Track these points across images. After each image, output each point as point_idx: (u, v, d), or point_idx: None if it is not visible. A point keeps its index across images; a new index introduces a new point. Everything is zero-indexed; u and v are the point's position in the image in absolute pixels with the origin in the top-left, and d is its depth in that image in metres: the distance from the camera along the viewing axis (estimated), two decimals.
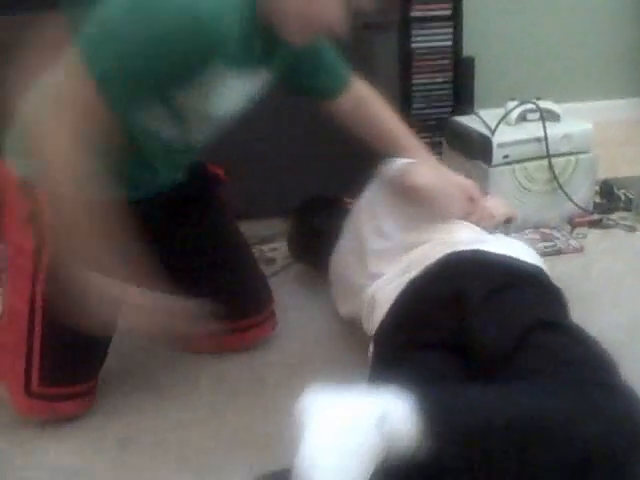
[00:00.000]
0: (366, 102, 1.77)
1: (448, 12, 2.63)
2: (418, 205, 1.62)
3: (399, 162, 1.73)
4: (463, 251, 1.49)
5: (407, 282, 1.49)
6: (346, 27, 1.39)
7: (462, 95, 2.71)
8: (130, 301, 1.37)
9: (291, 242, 2.14)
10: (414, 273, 1.49)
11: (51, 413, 1.57)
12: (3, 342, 1.59)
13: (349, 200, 1.92)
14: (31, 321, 1.53)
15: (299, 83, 1.68)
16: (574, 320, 1.38)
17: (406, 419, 1.08)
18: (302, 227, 2.09)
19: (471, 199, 1.67)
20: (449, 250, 1.49)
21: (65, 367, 1.56)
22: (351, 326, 1.77)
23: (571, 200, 2.39)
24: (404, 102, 2.58)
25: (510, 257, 1.47)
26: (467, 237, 1.57)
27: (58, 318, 1.41)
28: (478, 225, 1.65)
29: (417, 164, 1.68)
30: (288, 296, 2.03)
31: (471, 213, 1.66)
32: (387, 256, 1.62)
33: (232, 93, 1.44)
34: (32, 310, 1.53)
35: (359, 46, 2.32)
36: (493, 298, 1.35)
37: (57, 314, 1.41)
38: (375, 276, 1.61)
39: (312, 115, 1.92)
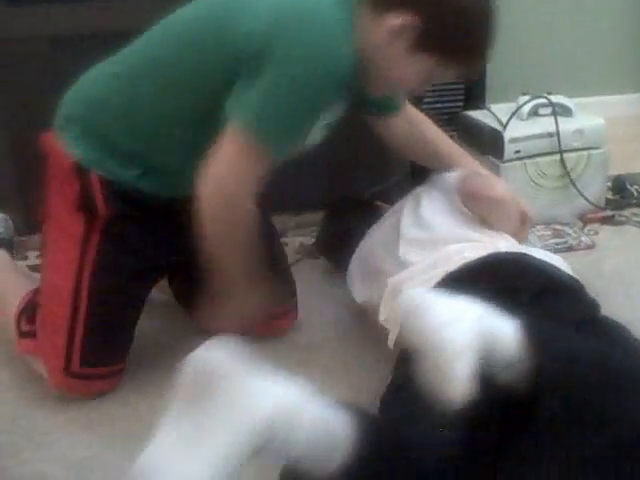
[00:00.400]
0: (420, 124, 1.90)
1: None
2: (477, 212, 1.68)
3: (458, 172, 1.78)
4: (504, 252, 1.51)
5: (444, 275, 1.47)
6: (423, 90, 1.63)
7: (474, 90, 2.69)
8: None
9: (320, 239, 2.17)
10: (448, 268, 1.48)
11: (86, 391, 1.64)
12: (42, 320, 1.63)
13: (381, 203, 2.03)
14: (75, 303, 1.58)
15: (361, 101, 1.72)
16: None
17: (509, 331, 1.05)
18: (333, 225, 2.11)
19: (524, 220, 1.72)
20: (487, 252, 1.50)
21: (105, 349, 1.63)
22: (362, 319, 1.77)
23: (583, 196, 2.38)
24: (415, 97, 2.56)
25: (550, 264, 1.49)
26: (506, 244, 1.59)
27: (103, 302, 1.58)
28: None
29: (489, 176, 1.82)
30: (298, 292, 2.03)
31: (518, 233, 1.70)
32: (420, 246, 1.63)
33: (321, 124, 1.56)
34: (77, 291, 1.58)
35: None
36: (534, 300, 1.35)
37: (103, 299, 1.58)
38: (402, 264, 1.61)
39: None
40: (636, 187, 2.53)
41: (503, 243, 1.60)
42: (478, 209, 1.69)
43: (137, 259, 1.63)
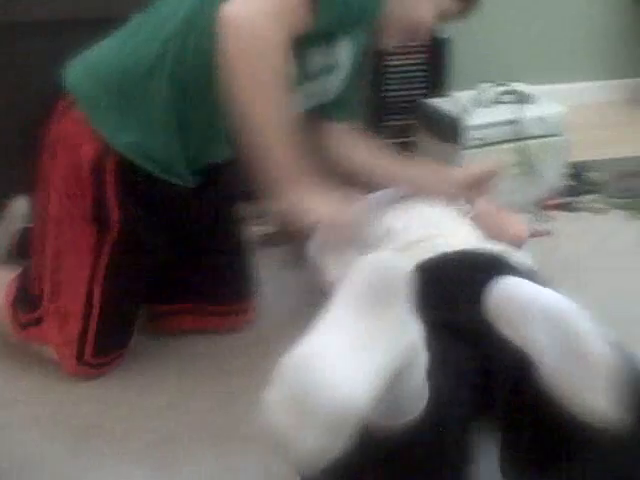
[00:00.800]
0: (366, 142, 1.83)
1: None
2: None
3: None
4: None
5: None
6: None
7: (436, 77, 2.70)
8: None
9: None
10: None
11: (96, 376, 1.66)
12: (54, 311, 1.62)
13: None
14: (89, 299, 1.60)
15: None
16: None
17: None
18: None
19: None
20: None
21: (116, 337, 1.67)
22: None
23: (542, 183, 2.40)
24: (377, 83, 2.57)
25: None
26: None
27: (116, 296, 1.60)
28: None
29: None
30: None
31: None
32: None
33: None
34: (91, 288, 1.59)
35: None
36: None
37: (117, 285, 1.59)
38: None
39: None
40: (594, 174, 2.56)
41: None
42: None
43: (149, 256, 1.66)
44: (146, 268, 1.67)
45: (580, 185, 2.52)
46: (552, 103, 2.48)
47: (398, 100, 2.65)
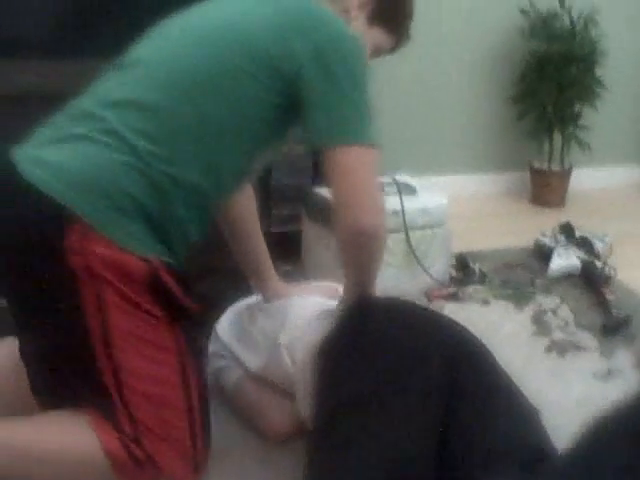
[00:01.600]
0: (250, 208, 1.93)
1: None
2: None
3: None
4: None
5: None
6: None
7: (321, 167, 2.71)
8: None
9: None
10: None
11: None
12: (161, 435, 1.46)
13: None
14: (188, 398, 1.49)
15: None
16: None
17: None
18: None
19: None
20: None
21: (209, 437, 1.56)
22: None
23: (428, 273, 2.42)
24: (264, 172, 2.55)
25: None
26: None
27: (205, 392, 1.53)
28: None
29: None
30: None
31: None
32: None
33: None
34: (186, 386, 1.48)
35: None
36: None
37: (204, 388, 1.53)
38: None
39: None
40: (478, 264, 2.60)
41: None
42: None
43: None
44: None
45: (465, 275, 2.55)
46: (434, 194, 2.52)
47: (284, 189, 2.64)
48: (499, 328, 2.25)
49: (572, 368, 2.06)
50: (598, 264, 2.60)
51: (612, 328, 2.24)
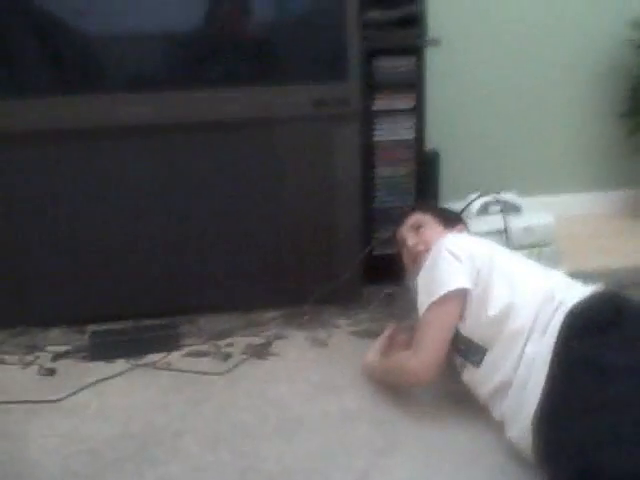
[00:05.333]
0: None
1: (411, 104, 2.65)
2: None
3: None
4: None
5: None
6: None
7: (426, 188, 2.71)
8: None
9: None
10: None
11: None
12: None
13: None
14: None
15: None
16: None
17: None
18: None
19: None
20: None
21: None
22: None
23: None
24: (367, 193, 2.57)
25: None
26: None
27: None
28: None
29: None
30: (243, 394, 1.98)
31: None
32: None
33: None
34: None
35: (322, 137, 2.35)
36: None
37: None
38: None
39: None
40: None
41: None
42: None
43: None
44: None
45: None
46: (540, 213, 2.48)
47: (388, 210, 2.65)
48: None
49: None
50: None
51: None
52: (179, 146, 2.32)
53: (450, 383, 1.91)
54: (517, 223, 2.37)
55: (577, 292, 1.69)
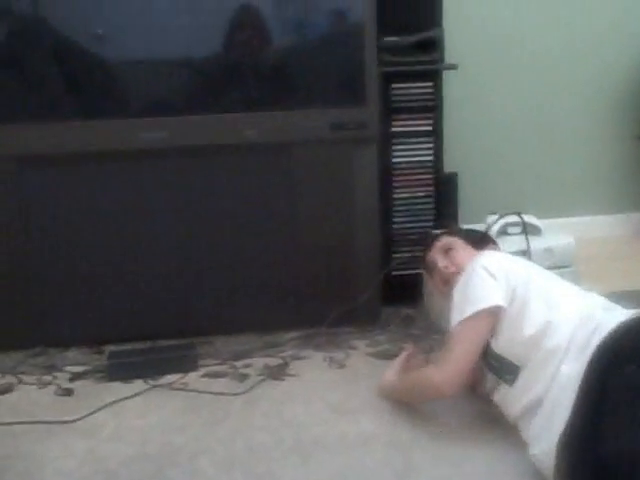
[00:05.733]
0: None
1: (429, 127, 2.66)
2: None
3: None
4: None
5: None
6: None
7: (445, 210, 2.70)
8: None
9: None
10: None
11: None
12: None
13: None
14: None
15: None
16: None
17: None
18: None
19: None
20: None
21: None
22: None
23: None
24: (385, 216, 2.57)
25: None
26: None
27: None
28: None
29: None
30: (260, 415, 1.97)
31: None
32: None
33: None
34: None
35: (340, 161, 2.36)
36: None
37: None
38: None
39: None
40: None
41: None
42: None
43: None
44: None
45: None
46: (560, 235, 2.46)
47: (406, 232, 2.65)
48: None
49: None
50: None
51: None
52: (198, 170, 2.35)
53: (468, 404, 1.89)
54: (537, 244, 2.36)
55: (616, 314, 1.67)
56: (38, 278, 2.35)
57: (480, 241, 2.11)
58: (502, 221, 2.44)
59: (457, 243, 2.06)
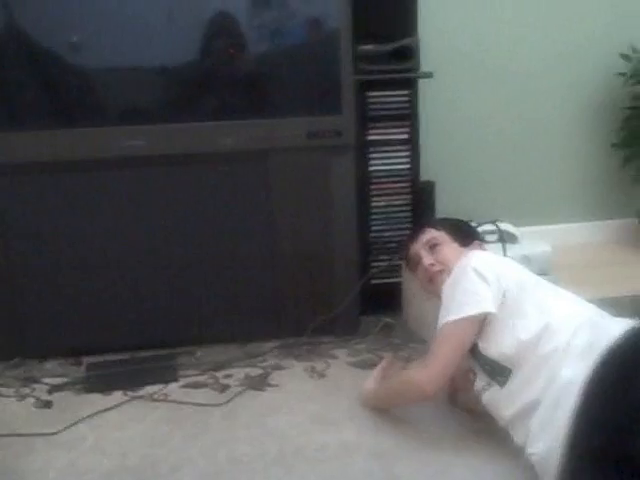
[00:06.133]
0: None
1: (405, 136, 2.67)
2: None
3: None
4: None
5: None
6: None
7: (421, 218, 2.71)
8: None
9: None
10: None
11: None
12: None
13: None
14: None
15: None
16: None
17: None
18: None
19: None
20: None
21: None
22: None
23: None
24: (363, 224, 2.58)
25: None
26: None
27: None
28: None
29: None
30: (242, 426, 1.97)
31: None
32: None
33: None
34: None
35: (317, 169, 2.36)
36: None
37: None
38: None
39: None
40: None
41: None
42: None
43: None
44: None
45: None
46: (537, 242, 2.48)
47: (384, 241, 2.66)
48: None
49: None
50: None
51: None
52: (175, 178, 2.34)
53: (450, 414, 1.90)
54: (514, 252, 2.37)
55: (616, 320, 1.66)
56: (15, 289, 2.33)
57: (467, 237, 2.08)
58: (479, 229, 2.46)
59: (443, 238, 2.03)
